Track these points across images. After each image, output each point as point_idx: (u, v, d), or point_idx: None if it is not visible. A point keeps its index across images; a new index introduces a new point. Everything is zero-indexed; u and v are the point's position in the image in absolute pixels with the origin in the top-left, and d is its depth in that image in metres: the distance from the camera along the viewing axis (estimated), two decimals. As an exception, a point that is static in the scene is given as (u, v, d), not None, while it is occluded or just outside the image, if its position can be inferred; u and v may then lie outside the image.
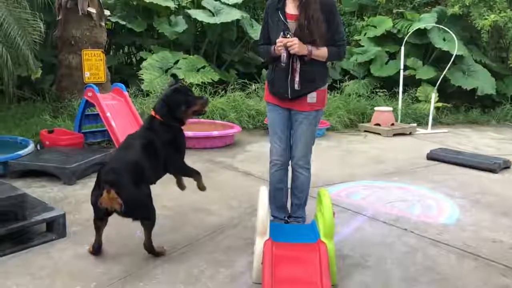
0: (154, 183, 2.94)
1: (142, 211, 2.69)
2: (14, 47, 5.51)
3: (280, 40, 2.85)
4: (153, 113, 2.98)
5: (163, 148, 2.90)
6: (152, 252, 2.79)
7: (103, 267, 2.66)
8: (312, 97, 3.03)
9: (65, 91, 6.66)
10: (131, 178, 2.62)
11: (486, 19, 8.51)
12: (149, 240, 2.76)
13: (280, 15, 2.95)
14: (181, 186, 3.23)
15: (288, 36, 2.86)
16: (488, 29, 8.67)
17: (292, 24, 2.93)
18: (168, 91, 3.03)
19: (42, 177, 4.31)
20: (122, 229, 3.10)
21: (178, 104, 2.94)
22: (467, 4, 8.69)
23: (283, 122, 3.14)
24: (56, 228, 3.04)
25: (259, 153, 5.58)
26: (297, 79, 2.93)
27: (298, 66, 2.92)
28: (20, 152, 4.50)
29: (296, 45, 2.82)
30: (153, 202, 2.76)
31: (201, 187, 3.14)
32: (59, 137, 5.23)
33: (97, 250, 2.81)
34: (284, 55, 2.85)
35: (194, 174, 3.12)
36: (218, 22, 8.28)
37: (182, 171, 3.13)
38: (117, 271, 2.64)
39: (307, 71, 2.94)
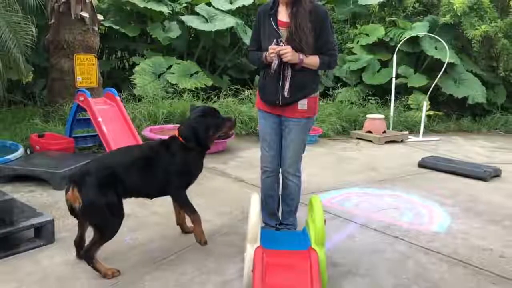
0: (143, 197, 2.92)
1: (96, 217, 2.57)
2: (5, 50, 5.47)
3: (273, 48, 2.84)
4: (177, 133, 2.91)
5: (168, 167, 2.80)
6: (90, 263, 2.60)
7: (92, 274, 2.62)
8: (303, 104, 3.02)
9: (56, 96, 6.61)
10: (97, 181, 2.55)
11: (477, 29, 8.61)
12: (91, 248, 2.59)
13: (272, 21, 2.95)
14: (183, 227, 3.19)
15: (281, 44, 2.86)
16: (479, 39, 8.78)
17: (283, 32, 2.93)
18: (196, 113, 2.92)
19: (31, 182, 4.26)
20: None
21: (207, 127, 2.87)
22: (459, 14, 8.79)
23: (273, 129, 3.13)
24: (44, 234, 3.00)
25: (251, 159, 5.57)
26: (286, 86, 2.93)
27: (289, 73, 2.92)
28: (9, 156, 4.45)
29: (289, 53, 2.81)
30: (117, 215, 2.62)
31: (198, 234, 2.87)
32: (49, 141, 5.18)
33: (78, 243, 2.76)
34: (275, 62, 2.84)
35: (193, 213, 2.89)
36: (213, 30, 8.30)
37: (180, 201, 2.93)
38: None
39: (297, 79, 2.94)
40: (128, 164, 2.72)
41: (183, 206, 2.95)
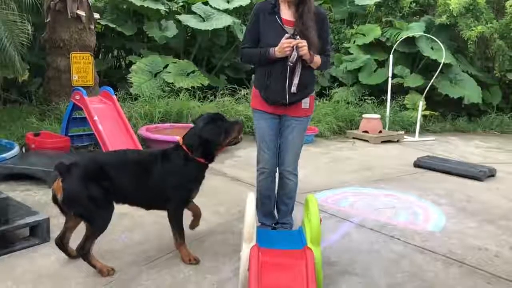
0: (135, 205, 2.85)
1: (79, 208, 2.56)
2: (0, 48, 5.44)
3: (289, 41, 2.82)
4: (180, 141, 2.77)
5: (167, 178, 2.68)
6: (86, 259, 2.59)
7: (87, 273, 2.62)
8: (306, 103, 3.07)
9: (52, 94, 6.59)
10: (82, 173, 2.54)
11: (473, 30, 8.65)
12: (84, 244, 2.56)
13: (278, 19, 2.95)
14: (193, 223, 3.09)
15: (297, 37, 2.86)
16: (474, 39, 8.81)
17: (288, 30, 2.93)
18: (202, 121, 2.74)
19: (27, 181, 4.24)
20: (107, 234, 3.05)
21: (217, 134, 2.70)
22: (455, 15, 8.82)
23: (273, 129, 3.12)
24: (39, 232, 2.99)
25: (248, 158, 5.57)
26: (295, 81, 2.92)
27: (300, 69, 2.92)
28: (5, 155, 4.43)
29: (305, 46, 2.83)
30: (103, 207, 2.60)
31: (185, 256, 2.79)
32: (45, 140, 5.17)
33: (59, 241, 2.74)
34: (295, 54, 2.82)
35: (180, 238, 2.79)
36: (210, 29, 8.29)
37: (175, 220, 2.78)
38: (102, 276, 2.60)
39: (303, 77, 2.95)
40: (120, 165, 2.67)
41: (175, 227, 2.79)
